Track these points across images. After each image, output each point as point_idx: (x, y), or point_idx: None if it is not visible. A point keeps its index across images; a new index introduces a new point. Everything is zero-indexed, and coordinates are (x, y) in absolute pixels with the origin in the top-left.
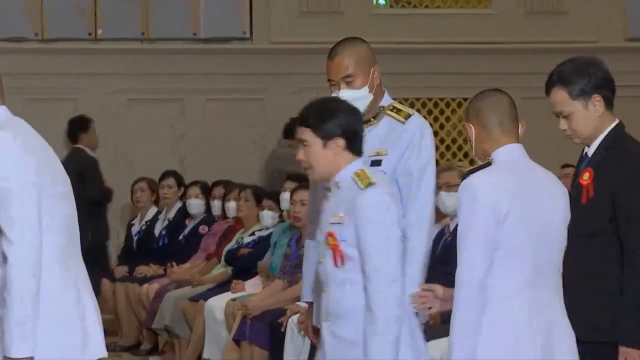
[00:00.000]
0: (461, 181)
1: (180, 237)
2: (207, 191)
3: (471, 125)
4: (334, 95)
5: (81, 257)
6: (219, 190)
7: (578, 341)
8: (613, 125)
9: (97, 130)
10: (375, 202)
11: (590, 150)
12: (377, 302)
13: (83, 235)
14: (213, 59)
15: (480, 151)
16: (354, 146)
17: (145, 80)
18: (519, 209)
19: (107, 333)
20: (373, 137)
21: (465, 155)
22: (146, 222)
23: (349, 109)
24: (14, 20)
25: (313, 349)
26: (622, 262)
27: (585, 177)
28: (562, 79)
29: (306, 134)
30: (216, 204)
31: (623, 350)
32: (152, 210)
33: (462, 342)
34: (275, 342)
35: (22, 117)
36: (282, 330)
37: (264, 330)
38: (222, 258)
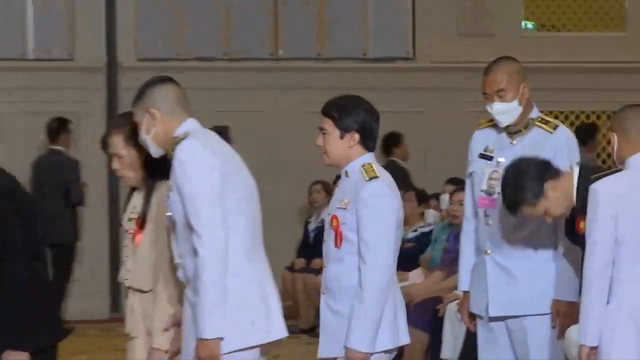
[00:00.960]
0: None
1: None
2: None
3: (614, 134)
4: (487, 107)
5: (263, 250)
6: None
7: None
8: None
9: (279, 138)
10: (375, 193)
11: None
12: (367, 281)
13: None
14: (379, 76)
15: (619, 157)
16: (367, 142)
17: (321, 94)
18: (631, 210)
19: (287, 317)
20: (523, 145)
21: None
22: (322, 219)
23: (368, 109)
24: (205, 42)
25: (469, 333)
26: None
27: None
28: None
29: (327, 123)
30: None
31: None
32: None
33: (588, 328)
34: (434, 326)
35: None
36: (440, 315)
37: (425, 315)
38: None
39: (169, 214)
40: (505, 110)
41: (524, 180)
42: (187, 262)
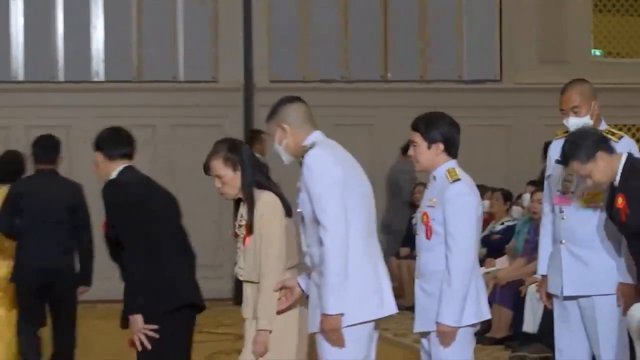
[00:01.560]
0: None
1: None
2: None
3: None
4: (564, 121)
5: (377, 239)
6: None
7: None
8: None
9: (387, 148)
10: (458, 193)
11: None
12: (453, 267)
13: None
14: (472, 96)
15: None
16: (451, 150)
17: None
18: None
19: (395, 296)
20: None
21: None
22: None
23: (451, 122)
24: (326, 66)
25: (546, 310)
26: None
27: None
28: None
29: (416, 137)
30: None
31: None
32: None
33: None
34: (517, 304)
35: (331, 138)
36: (522, 295)
37: (509, 295)
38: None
39: (299, 210)
40: (579, 124)
41: (583, 140)
42: (314, 250)
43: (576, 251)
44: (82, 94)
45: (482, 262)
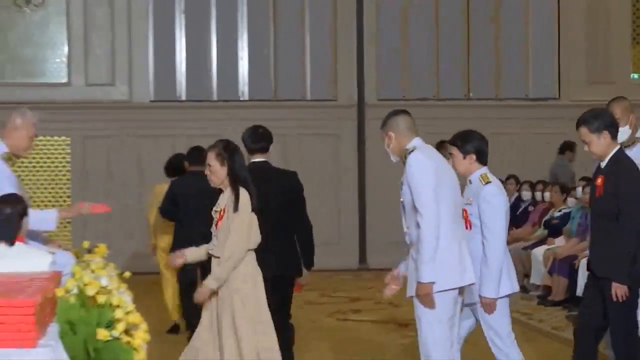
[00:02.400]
0: None
1: (517, 213)
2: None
3: None
4: None
5: (462, 224)
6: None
7: (598, 277)
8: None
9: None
10: (490, 193)
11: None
12: (489, 251)
13: None
14: (536, 111)
15: None
16: (482, 159)
17: (498, 123)
18: None
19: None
20: (631, 153)
21: None
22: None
23: (479, 137)
24: (421, 86)
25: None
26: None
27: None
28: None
29: (454, 150)
30: (526, 193)
31: (614, 284)
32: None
33: None
34: (571, 274)
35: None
36: (576, 267)
37: (566, 267)
38: (541, 225)
39: (401, 199)
40: (620, 132)
41: (601, 116)
42: (412, 231)
43: None
44: (231, 110)
45: (543, 242)
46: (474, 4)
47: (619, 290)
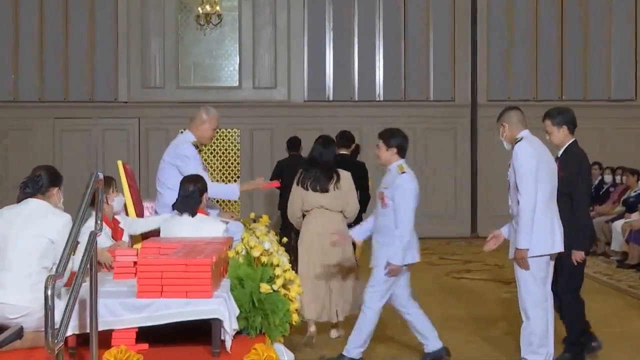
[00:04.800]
0: None
1: (600, 192)
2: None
3: None
4: None
5: (556, 202)
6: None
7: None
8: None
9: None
10: (404, 181)
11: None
12: (399, 226)
13: None
14: (616, 111)
15: None
16: (401, 152)
17: (585, 123)
18: None
19: None
20: None
21: None
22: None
23: (402, 134)
24: (523, 88)
25: None
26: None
27: None
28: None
29: (380, 143)
30: (607, 177)
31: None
32: None
33: None
34: None
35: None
36: None
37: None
38: (620, 203)
39: (507, 179)
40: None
41: (563, 113)
42: (514, 206)
43: None
44: (369, 108)
45: (622, 216)
46: (566, 12)
47: None
